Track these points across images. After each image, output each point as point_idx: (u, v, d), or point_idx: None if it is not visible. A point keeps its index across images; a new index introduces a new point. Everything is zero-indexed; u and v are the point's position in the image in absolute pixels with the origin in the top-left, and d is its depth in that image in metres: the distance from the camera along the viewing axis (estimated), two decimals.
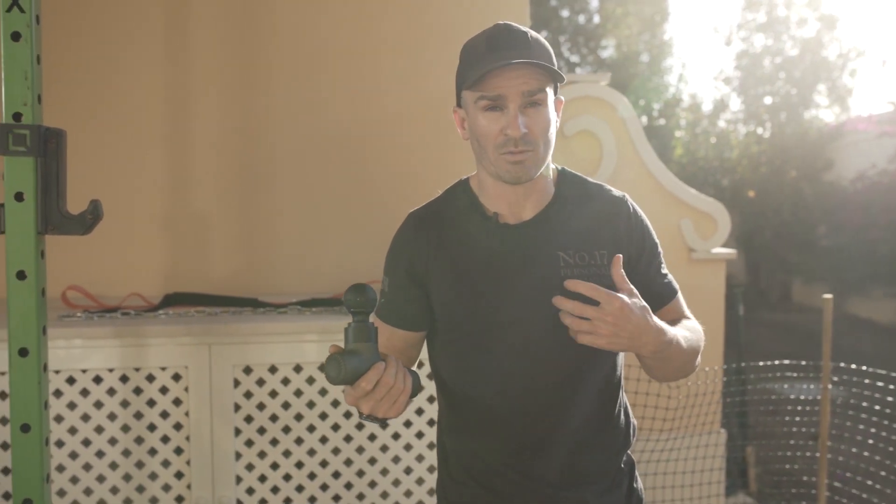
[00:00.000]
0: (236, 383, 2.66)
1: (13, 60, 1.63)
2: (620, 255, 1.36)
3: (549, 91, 1.41)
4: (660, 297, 1.51)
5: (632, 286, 1.35)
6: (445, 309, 1.48)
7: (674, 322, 1.50)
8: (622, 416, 1.55)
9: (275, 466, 2.72)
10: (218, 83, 3.33)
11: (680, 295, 1.58)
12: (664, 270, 1.56)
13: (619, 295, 1.30)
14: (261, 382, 2.68)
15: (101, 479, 2.63)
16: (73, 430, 2.60)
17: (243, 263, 3.35)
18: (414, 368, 1.57)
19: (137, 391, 2.62)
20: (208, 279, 3.26)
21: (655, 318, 1.35)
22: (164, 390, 2.63)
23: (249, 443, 2.70)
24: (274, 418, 2.69)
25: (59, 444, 2.60)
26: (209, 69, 3.31)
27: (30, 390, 1.66)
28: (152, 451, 2.65)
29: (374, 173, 3.40)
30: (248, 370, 2.67)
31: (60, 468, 2.61)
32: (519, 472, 1.47)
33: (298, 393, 2.71)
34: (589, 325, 1.29)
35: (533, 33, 1.43)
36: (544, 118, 1.39)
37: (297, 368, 2.70)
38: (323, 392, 2.71)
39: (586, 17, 18.41)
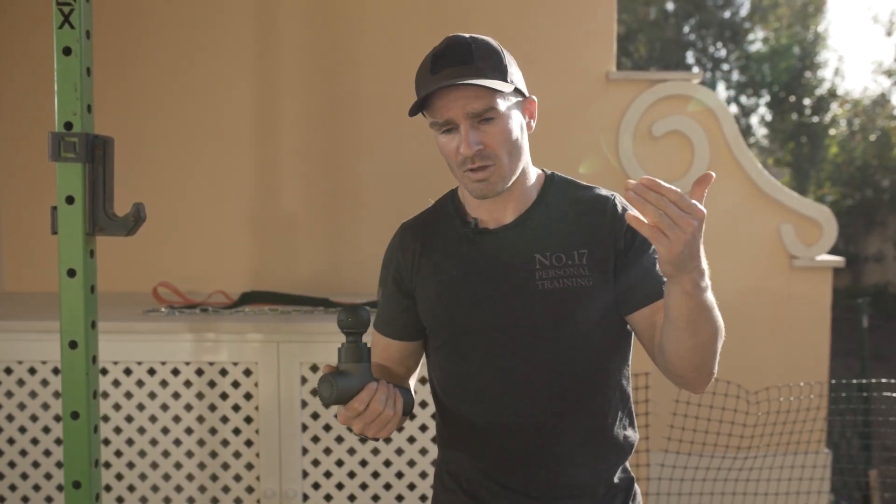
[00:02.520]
0: (303, 380, 2.74)
1: (64, 73, 1.74)
2: (713, 174, 1.15)
3: (503, 101, 1.35)
4: (651, 291, 1.40)
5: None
6: (427, 316, 1.48)
7: None
8: (615, 430, 1.47)
9: (340, 463, 2.78)
10: (304, 90, 3.44)
11: None
12: (657, 269, 1.43)
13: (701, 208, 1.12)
14: None
15: (178, 465, 2.78)
16: (153, 419, 2.76)
17: (325, 264, 3.44)
18: (412, 386, 1.58)
19: (211, 384, 2.74)
20: (292, 278, 3.37)
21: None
22: (235, 384, 2.75)
23: (316, 439, 2.77)
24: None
25: (141, 430, 2.77)
26: (296, 75, 3.43)
27: (79, 380, 1.78)
28: (224, 443, 2.78)
29: (454, 182, 3.41)
30: (314, 368, 2.74)
31: (142, 453, 2.77)
32: (499, 482, 1.44)
33: None
34: (674, 225, 1.10)
35: (480, 43, 1.37)
36: (500, 130, 1.35)
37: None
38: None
39: (732, 10, 17.64)
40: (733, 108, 17.79)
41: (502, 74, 1.36)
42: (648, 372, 2.61)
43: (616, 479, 1.47)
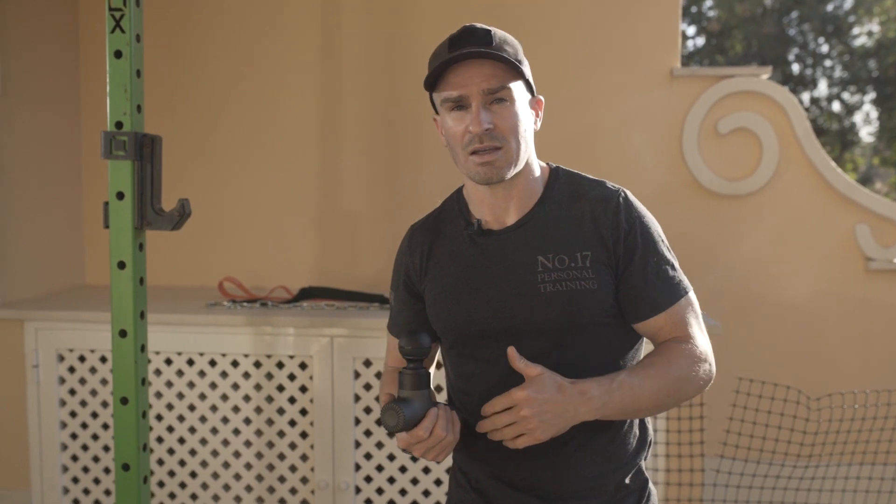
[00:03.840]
0: (356, 375, 2.79)
1: (116, 75, 1.83)
2: (513, 348, 1.30)
3: (517, 88, 1.36)
4: (652, 303, 1.37)
5: (532, 366, 1.27)
6: (434, 318, 1.48)
7: (666, 340, 1.38)
8: (624, 430, 1.44)
9: (391, 458, 2.82)
10: (367, 90, 3.49)
11: (686, 303, 1.40)
12: (670, 272, 1.39)
13: (516, 390, 1.25)
14: (380, 375, 2.79)
15: (237, 454, 2.88)
16: (213, 408, 2.87)
17: (386, 262, 3.46)
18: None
19: (269, 376, 2.83)
20: (353, 275, 3.43)
21: (577, 383, 1.27)
22: (291, 377, 2.82)
23: (368, 433, 2.82)
24: None
25: (203, 419, 2.88)
26: (359, 75, 3.49)
27: (127, 367, 1.86)
28: (281, 434, 2.85)
29: None
30: (367, 363, 2.79)
31: (203, 441, 2.88)
32: (506, 482, 1.43)
33: None
34: (515, 430, 1.25)
35: (499, 32, 1.39)
36: (511, 114, 1.34)
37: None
38: (438, 389, 2.76)
39: (835, 4, 16.90)
40: (836, 106, 17.08)
41: (519, 63, 1.36)
42: None
43: (627, 480, 1.43)
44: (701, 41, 16.73)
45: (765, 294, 3.31)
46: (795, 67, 17.04)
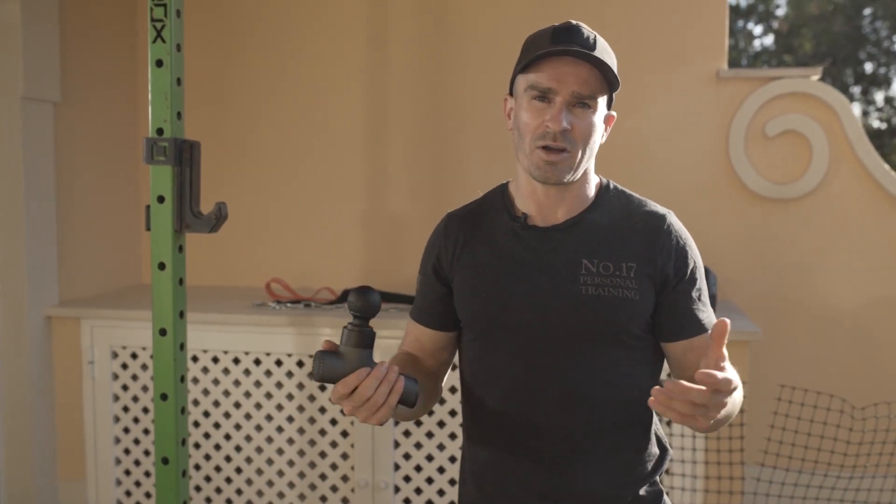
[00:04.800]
0: None
1: (157, 84, 1.90)
2: (727, 321, 1.12)
3: (602, 101, 1.37)
4: (692, 328, 1.38)
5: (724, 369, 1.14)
6: (462, 307, 1.47)
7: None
8: (643, 442, 1.43)
9: (430, 458, 2.85)
10: (413, 91, 3.53)
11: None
12: (701, 303, 1.41)
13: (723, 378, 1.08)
14: None
15: (280, 451, 2.95)
16: (258, 406, 2.95)
17: None
18: (415, 376, 1.58)
19: (311, 375, 2.89)
20: (399, 276, 3.47)
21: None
22: None
23: (407, 433, 2.85)
24: (430, 412, 2.82)
25: (248, 416, 2.96)
26: (405, 76, 3.53)
27: (167, 365, 1.93)
28: (322, 432, 2.91)
29: None
30: None
31: (248, 438, 2.96)
32: (517, 484, 1.43)
33: (453, 390, 2.81)
34: (697, 413, 1.08)
35: (602, 40, 1.39)
36: (589, 122, 1.35)
37: (453, 366, 2.79)
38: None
39: None
40: None
41: (616, 77, 1.37)
42: (745, 381, 2.49)
43: (642, 492, 1.43)
44: (769, 41, 16.35)
45: (811, 300, 3.24)
46: (868, 66, 16.53)
